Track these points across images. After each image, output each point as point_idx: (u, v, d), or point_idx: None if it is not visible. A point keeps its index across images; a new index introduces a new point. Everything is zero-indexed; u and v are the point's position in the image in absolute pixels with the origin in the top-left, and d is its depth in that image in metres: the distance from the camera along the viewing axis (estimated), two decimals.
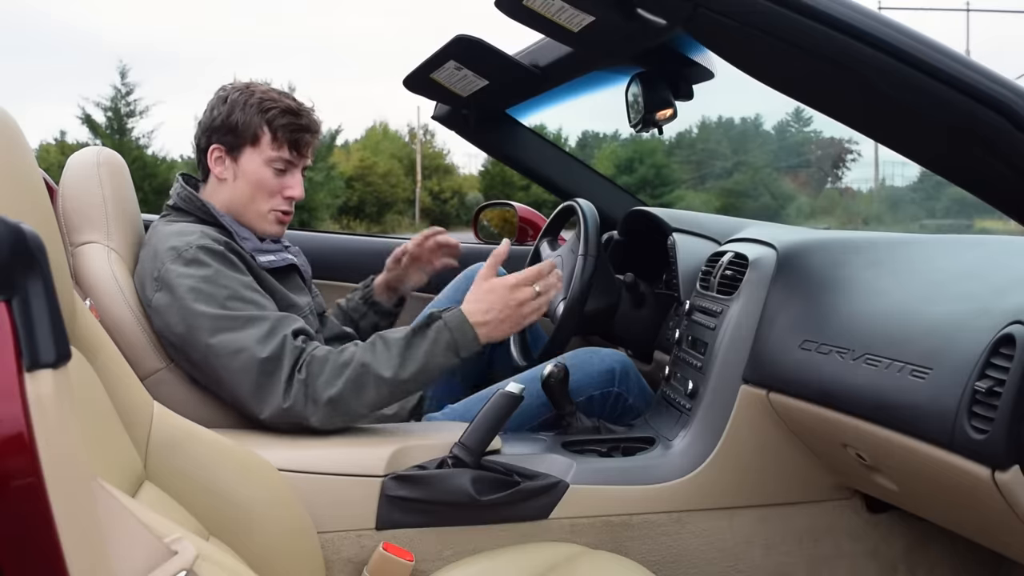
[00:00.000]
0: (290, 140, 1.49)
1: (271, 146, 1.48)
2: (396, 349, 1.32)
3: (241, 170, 1.50)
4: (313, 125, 1.53)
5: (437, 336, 1.33)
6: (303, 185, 1.55)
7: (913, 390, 0.99)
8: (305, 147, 1.52)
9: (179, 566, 0.60)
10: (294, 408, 1.28)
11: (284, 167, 1.50)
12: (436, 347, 1.32)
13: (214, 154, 1.51)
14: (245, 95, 1.49)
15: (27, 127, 1.73)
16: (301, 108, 1.51)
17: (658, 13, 1.15)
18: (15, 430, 0.46)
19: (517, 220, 2.54)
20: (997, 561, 1.42)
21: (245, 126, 1.48)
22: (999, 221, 14.36)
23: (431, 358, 1.32)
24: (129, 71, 27.90)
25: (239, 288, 1.36)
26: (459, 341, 1.33)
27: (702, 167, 30.27)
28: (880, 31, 0.94)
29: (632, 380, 1.64)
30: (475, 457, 1.26)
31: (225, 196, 1.51)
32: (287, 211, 1.54)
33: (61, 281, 0.72)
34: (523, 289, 1.37)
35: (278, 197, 1.52)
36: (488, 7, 1.30)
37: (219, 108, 1.50)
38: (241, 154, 1.49)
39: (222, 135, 1.49)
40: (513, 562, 1.17)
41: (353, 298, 1.82)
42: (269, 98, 1.49)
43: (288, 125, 1.48)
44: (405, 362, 1.31)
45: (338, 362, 1.31)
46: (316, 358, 1.31)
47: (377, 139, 33.47)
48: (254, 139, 1.48)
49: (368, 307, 1.80)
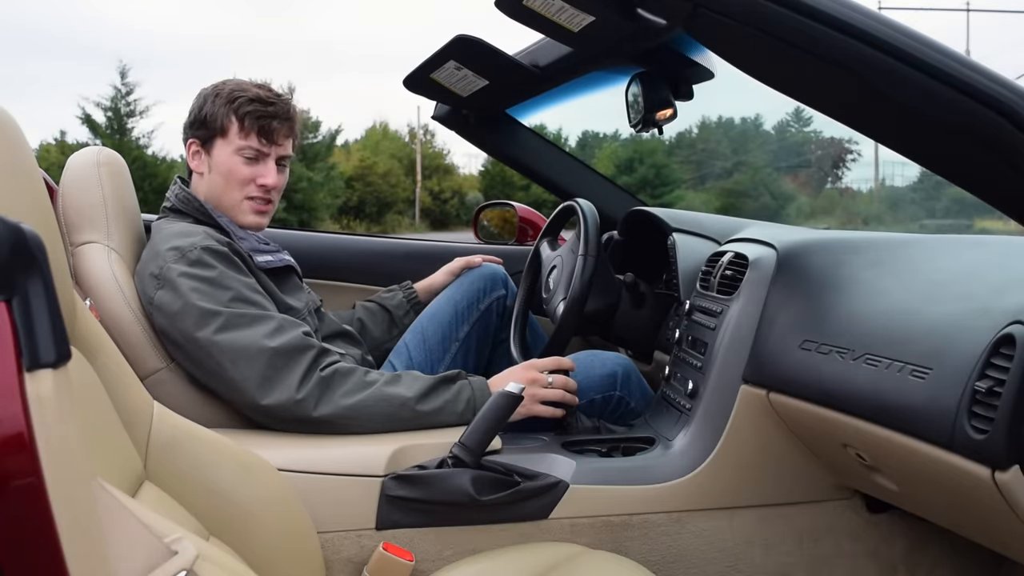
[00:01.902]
0: (258, 127, 1.50)
1: (239, 135, 1.50)
2: (422, 383, 1.38)
3: (214, 162, 1.52)
4: (282, 112, 1.52)
5: (460, 390, 1.40)
6: (277, 174, 1.54)
7: (913, 390, 0.99)
8: (274, 134, 1.52)
9: (179, 566, 0.60)
10: (304, 402, 1.29)
11: (254, 155, 1.51)
12: (459, 397, 1.39)
13: (191, 149, 1.54)
14: (217, 89, 1.52)
15: (27, 127, 1.73)
16: (270, 96, 1.52)
17: (658, 13, 1.15)
18: (15, 430, 0.46)
19: (517, 220, 2.54)
20: (997, 561, 1.42)
21: (213, 118, 1.50)
22: (999, 221, 14.37)
23: (452, 404, 1.38)
24: (129, 71, 27.94)
25: (243, 289, 1.36)
26: (478, 401, 1.39)
27: (702, 167, 30.27)
28: (880, 31, 0.94)
29: (634, 383, 1.64)
30: (475, 457, 1.26)
31: (204, 190, 1.54)
32: (264, 199, 1.54)
33: (61, 281, 0.72)
34: (535, 372, 1.46)
35: (251, 186, 1.52)
36: (488, 7, 1.30)
37: (195, 104, 1.54)
38: (213, 146, 1.52)
39: (196, 130, 1.53)
40: (513, 562, 1.17)
41: (394, 297, 1.88)
42: (239, 89, 1.51)
43: (254, 112, 1.49)
44: (429, 396, 1.37)
45: (363, 380, 1.35)
46: (344, 368, 1.35)
47: (377, 139, 33.48)
48: (223, 130, 1.50)
49: (411, 306, 1.88)
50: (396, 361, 1.71)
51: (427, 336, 1.73)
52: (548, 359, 1.50)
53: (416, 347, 1.72)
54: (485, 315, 1.81)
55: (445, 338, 1.74)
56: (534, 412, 1.44)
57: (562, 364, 1.50)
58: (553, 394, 1.46)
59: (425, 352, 1.72)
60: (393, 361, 1.71)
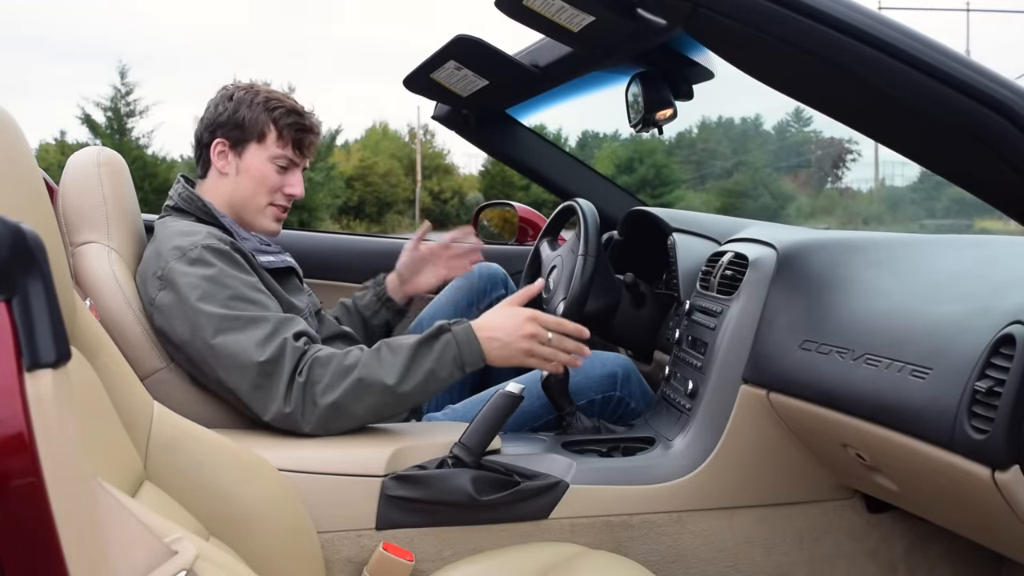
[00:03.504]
0: (294, 139, 1.54)
1: (277, 144, 1.53)
2: (402, 357, 1.31)
3: (244, 165, 1.53)
4: (315, 127, 1.58)
5: (444, 348, 1.32)
6: (303, 184, 1.60)
7: (913, 390, 0.99)
8: (308, 147, 1.58)
9: (179, 566, 0.60)
10: (295, 413, 1.27)
11: (286, 165, 1.55)
12: (443, 359, 1.32)
13: (217, 148, 1.54)
14: (251, 94, 1.54)
15: (27, 127, 1.73)
16: (304, 110, 1.57)
17: (658, 13, 1.15)
18: (15, 430, 0.46)
19: (517, 220, 2.54)
20: (997, 561, 1.42)
21: (252, 123, 1.52)
22: (999, 221, 14.37)
23: (437, 370, 1.31)
24: (129, 71, 27.98)
25: (243, 288, 1.36)
26: (465, 355, 1.33)
27: (702, 167, 30.28)
28: (880, 31, 0.94)
29: (634, 384, 1.64)
30: (475, 457, 1.26)
31: (226, 190, 1.54)
32: (285, 208, 1.59)
33: (61, 281, 0.72)
34: (537, 327, 1.36)
35: (278, 194, 1.56)
36: (488, 7, 1.30)
37: (224, 104, 1.54)
38: (245, 149, 1.53)
39: (228, 130, 1.53)
40: (513, 562, 1.17)
41: (364, 296, 1.80)
42: (274, 98, 1.55)
43: (293, 124, 1.54)
44: (410, 371, 1.30)
45: (341, 366, 1.30)
46: (318, 360, 1.30)
47: (377, 139, 33.49)
48: (260, 136, 1.52)
49: (381, 304, 1.79)
50: None
51: None
52: (552, 317, 1.39)
53: None
54: None
55: None
56: (525, 363, 1.37)
57: (564, 326, 1.38)
58: (547, 351, 1.36)
59: None
60: None
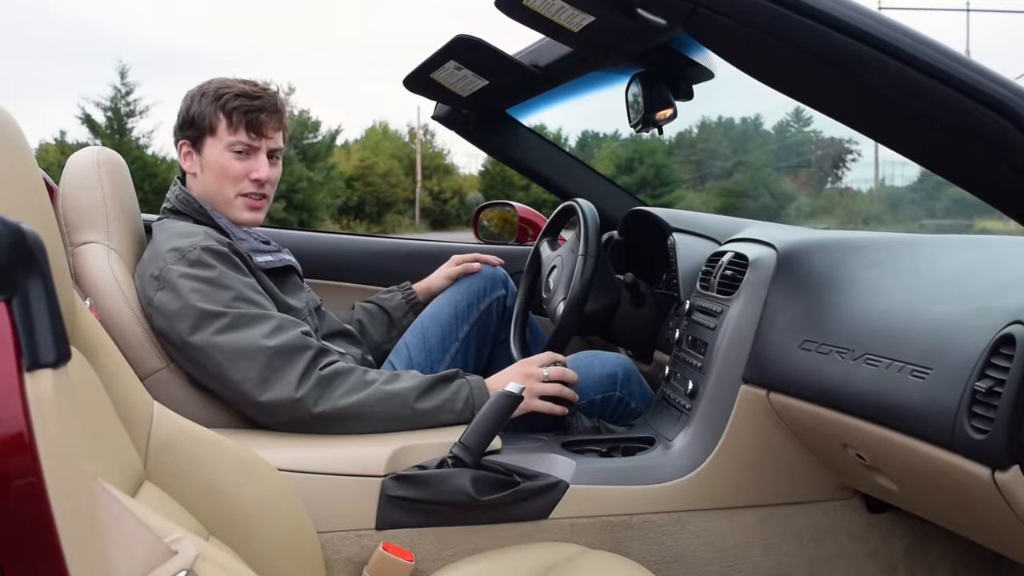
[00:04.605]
0: (246, 121, 1.50)
1: (228, 131, 1.50)
2: (421, 380, 1.39)
3: (205, 161, 1.52)
4: (269, 104, 1.52)
5: (459, 388, 1.41)
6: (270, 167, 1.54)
7: (913, 390, 0.99)
8: (263, 127, 1.52)
9: (179, 566, 0.60)
10: (303, 401, 1.29)
11: (245, 150, 1.51)
12: (457, 395, 1.39)
13: (183, 150, 1.54)
14: (202, 88, 1.53)
15: (27, 127, 1.73)
16: (256, 90, 1.52)
17: (658, 13, 1.15)
18: (15, 430, 0.46)
19: (517, 220, 2.54)
20: (997, 561, 1.42)
21: (202, 117, 1.50)
22: (999, 221, 14.37)
23: (452, 400, 1.39)
24: (129, 71, 27.97)
25: (243, 289, 1.36)
26: (476, 399, 1.39)
27: (702, 167, 30.27)
28: (880, 31, 0.94)
29: (634, 384, 1.64)
30: (475, 457, 1.26)
31: (198, 189, 1.54)
32: (258, 194, 1.54)
33: (61, 281, 0.72)
34: (531, 367, 1.47)
35: (244, 181, 1.52)
36: (488, 7, 1.30)
37: (182, 106, 1.54)
38: (203, 145, 1.52)
39: (186, 131, 1.53)
40: (513, 562, 1.17)
41: (392, 298, 1.87)
42: (224, 86, 1.51)
43: (240, 107, 1.49)
44: (427, 394, 1.37)
45: (363, 379, 1.35)
46: (344, 367, 1.35)
47: (377, 139, 33.49)
48: (211, 128, 1.50)
49: (410, 307, 1.87)
50: (396, 361, 1.71)
51: (427, 336, 1.73)
52: (542, 355, 1.51)
53: (416, 347, 1.72)
54: (485, 315, 1.81)
55: (445, 338, 1.74)
56: (533, 407, 1.44)
57: (555, 358, 1.50)
58: (551, 388, 1.46)
59: (425, 352, 1.72)
60: (393, 361, 1.71)
